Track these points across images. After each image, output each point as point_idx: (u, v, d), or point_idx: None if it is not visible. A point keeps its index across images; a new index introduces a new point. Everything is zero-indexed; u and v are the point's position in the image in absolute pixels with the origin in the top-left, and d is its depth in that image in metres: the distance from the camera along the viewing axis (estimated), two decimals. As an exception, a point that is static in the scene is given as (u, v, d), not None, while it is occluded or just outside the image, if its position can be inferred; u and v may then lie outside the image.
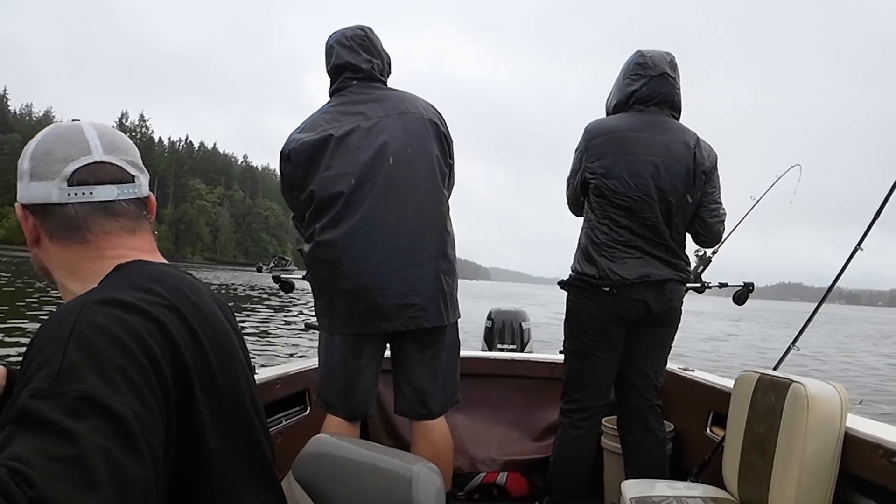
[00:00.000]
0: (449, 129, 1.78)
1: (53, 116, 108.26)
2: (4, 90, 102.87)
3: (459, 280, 1.80)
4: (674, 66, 1.94)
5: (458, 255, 1.79)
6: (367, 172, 1.62)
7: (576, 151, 2.02)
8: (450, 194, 1.83)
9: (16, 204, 0.78)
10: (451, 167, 1.79)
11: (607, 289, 1.85)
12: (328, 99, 1.78)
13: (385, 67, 1.80)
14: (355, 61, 1.73)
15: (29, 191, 0.76)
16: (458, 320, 1.77)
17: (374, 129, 1.65)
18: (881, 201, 1.73)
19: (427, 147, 1.69)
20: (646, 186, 1.85)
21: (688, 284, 1.99)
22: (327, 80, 1.82)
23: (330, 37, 1.79)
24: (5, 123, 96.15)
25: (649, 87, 1.90)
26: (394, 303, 1.60)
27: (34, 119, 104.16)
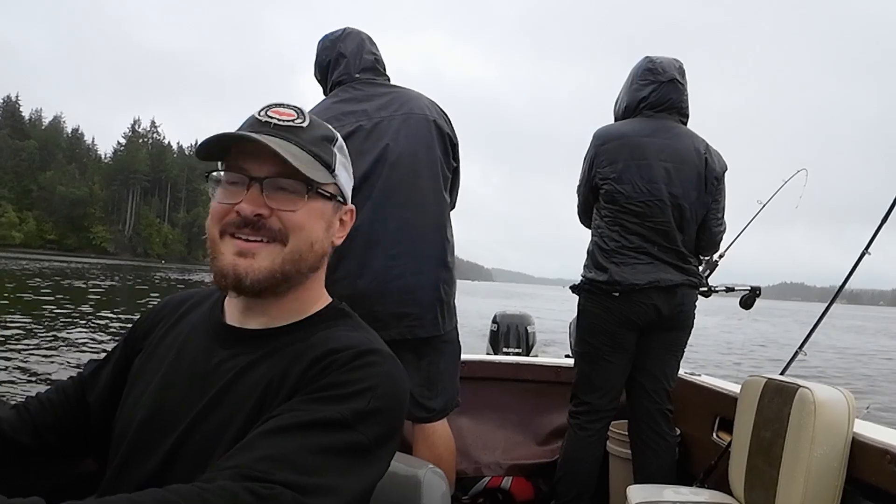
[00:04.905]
0: (454, 128, 1.75)
1: (64, 122, 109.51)
2: (17, 97, 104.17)
3: (462, 281, 1.79)
4: (682, 72, 1.95)
5: (460, 256, 1.78)
6: (367, 177, 1.58)
7: (585, 159, 2.02)
8: (456, 197, 1.80)
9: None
10: (455, 170, 1.76)
11: (617, 294, 1.86)
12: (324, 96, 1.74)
13: (384, 64, 1.77)
14: (359, 51, 1.69)
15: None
16: (459, 322, 1.75)
17: (375, 131, 1.61)
18: (890, 204, 1.72)
19: (430, 151, 1.65)
20: (658, 191, 1.85)
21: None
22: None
23: (326, 36, 1.75)
24: (21, 130, 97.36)
25: (659, 93, 1.91)
26: (392, 311, 1.56)
27: (44, 125, 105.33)
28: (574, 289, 2.02)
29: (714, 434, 1.97)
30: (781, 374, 1.76)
